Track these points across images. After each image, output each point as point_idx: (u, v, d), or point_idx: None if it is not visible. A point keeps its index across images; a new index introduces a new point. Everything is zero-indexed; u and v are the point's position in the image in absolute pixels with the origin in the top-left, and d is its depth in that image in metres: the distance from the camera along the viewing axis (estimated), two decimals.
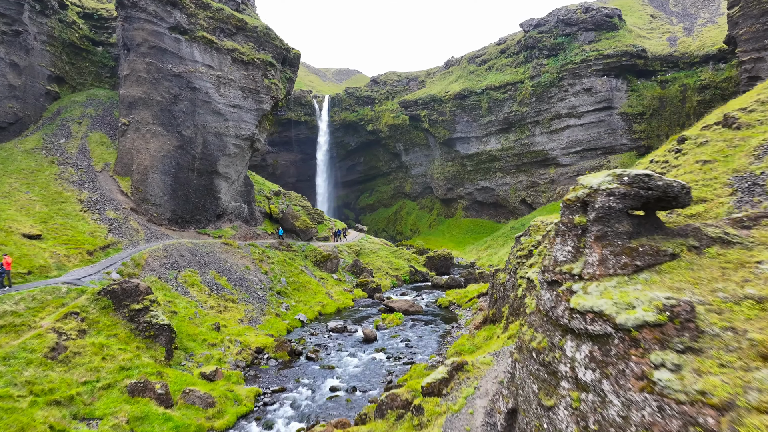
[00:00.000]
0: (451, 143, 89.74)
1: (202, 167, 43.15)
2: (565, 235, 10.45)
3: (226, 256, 39.65)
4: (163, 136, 40.70)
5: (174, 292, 31.32)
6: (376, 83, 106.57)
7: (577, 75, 70.50)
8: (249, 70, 45.20)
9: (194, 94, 42.10)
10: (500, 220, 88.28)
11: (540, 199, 78.64)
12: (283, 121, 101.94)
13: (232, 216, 47.06)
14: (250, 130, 45.59)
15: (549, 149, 75.96)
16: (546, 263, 10.82)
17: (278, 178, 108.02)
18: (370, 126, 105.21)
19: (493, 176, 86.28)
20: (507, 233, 73.91)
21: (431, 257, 58.84)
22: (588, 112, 71.09)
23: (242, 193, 48.57)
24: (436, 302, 43.21)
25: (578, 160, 73.87)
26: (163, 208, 40.39)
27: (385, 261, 54.55)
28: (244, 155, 46.64)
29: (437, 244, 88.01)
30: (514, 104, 78.66)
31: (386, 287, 49.10)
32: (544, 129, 76.15)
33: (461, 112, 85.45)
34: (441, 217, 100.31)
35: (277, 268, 42.26)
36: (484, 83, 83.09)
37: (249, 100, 45.27)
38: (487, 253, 70.82)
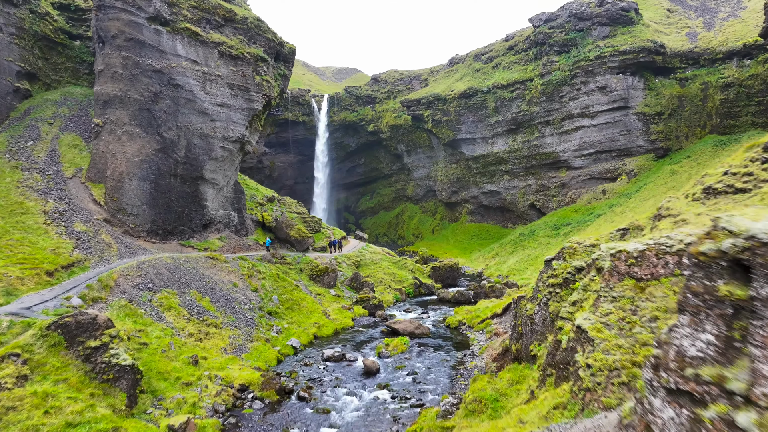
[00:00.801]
0: (455, 144, 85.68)
1: (186, 172, 39.11)
2: (700, 314, 6.24)
3: (210, 273, 35.59)
4: (142, 139, 36.65)
5: (147, 318, 27.26)
6: (377, 82, 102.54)
7: (590, 72, 66.43)
8: (238, 65, 41.15)
9: (177, 92, 38.06)
10: (507, 225, 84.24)
11: (550, 203, 74.58)
12: (280, 122, 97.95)
13: (220, 225, 43.01)
14: (239, 131, 41.55)
15: (560, 151, 71.89)
16: (661, 354, 6.69)
17: (275, 181, 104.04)
18: (371, 126, 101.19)
19: (500, 179, 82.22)
20: (515, 240, 69.86)
21: (437, 268, 54.78)
22: (602, 112, 67.02)
23: (231, 201, 44.52)
24: (444, 321, 39.16)
25: (591, 163, 69.79)
26: (141, 218, 36.34)
27: (387, 273, 50.50)
28: (233, 159, 42.60)
29: (441, 250, 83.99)
30: (522, 104, 74.60)
31: (389, 302, 45.05)
32: (554, 130, 72.09)
33: (466, 112, 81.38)
34: (445, 222, 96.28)
35: (268, 285, 38.20)
36: (490, 82, 79.02)
37: (238, 99, 41.22)
38: (495, 261, 66.75)
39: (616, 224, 55.50)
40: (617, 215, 57.57)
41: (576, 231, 61.13)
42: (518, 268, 59.32)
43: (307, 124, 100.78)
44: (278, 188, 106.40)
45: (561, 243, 63.80)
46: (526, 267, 58.89)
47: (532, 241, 66.08)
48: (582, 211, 66.91)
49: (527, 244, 66.22)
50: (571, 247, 20.40)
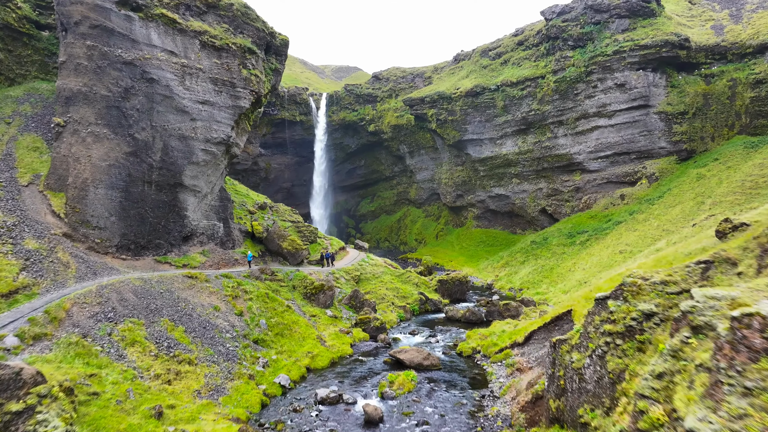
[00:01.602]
0: (461, 146, 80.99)
1: (163, 179, 34.43)
2: None
3: (188, 295, 30.92)
4: (110, 141, 31.98)
5: (103, 357, 22.60)
6: (378, 80, 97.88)
7: (608, 69, 61.74)
8: (223, 57, 36.49)
9: (151, 87, 33.39)
10: (516, 231, 79.56)
11: (563, 208, 69.90)
12: (276, 121, 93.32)
13: (203, 237, 38.34)
14: (224, 132, 36.88)
15: (574, 153, 67.19)
16: None
17: (271, 183, 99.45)
18: (372, 126, 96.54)
19: (508, 182, 77.51)
20: (527, 248, 65.17)
21: (444, 281, 50.09)
22: (620, 111, 62.33)
23: (216, 209, 39.86)
24: (455, 347, 34.51)
25: (608, 166, 65.09)
26: (108, 231, 31.67)
27: (390, 288, 45.83)
28: (217, 163, 37.92)
29: (446, 258, 79.33)
30: (533, 102, 69.92)
31: (392, 323, 40.40)
32: (568, 130, 67.39)
33: (473, 111, 76.70)
34: (449, 227, 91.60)
35: (255, 307, 33.53)
36: (499, 79, 74.35)
37: (223, 95, 36.55)
38: (506, 272, 62.04)
39: (639, 233, 50.87)
40: (639, 223, 52.89)
41: (594, 240, 56.47)
42: (532, 281, 54.61)
43: (304, 124, 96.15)
44: (275, 191, 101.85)
45: (578, 253, 59.17)
46: (540, 280, 54.19)
47: (545, 250, 61.39)
48: (599, 218, 62.23)
49: (540, 253, 61.52)
50: (634, 284, 15.66)
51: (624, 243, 50.34)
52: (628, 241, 50.35)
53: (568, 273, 52.08)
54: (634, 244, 48.91)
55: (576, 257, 54.93)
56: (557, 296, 47.21)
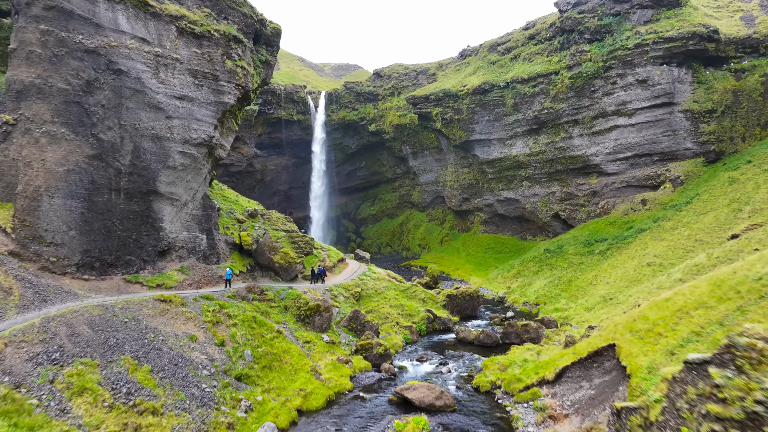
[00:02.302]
0: (468, 146, 76.38)
1: (133, 186, 29.85)
2: None
3: (159, 323, 26.32)
4: (70, 142, 27.41)
5: (39, 414, 17.99)
6: (380, 77, 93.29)
7: (628, 63, 57.12)
8: (203, 46, 31.89)
9: (119, 80, 28.81)
10: (526, 237, 74.95)
11: (577, 214, 65.26)
12: (273, 121, 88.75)
13: (183, 252, 33.75)
14: (205, 131, 32.27)
15: (590, 155, 62.57)
16: None
17: (267, 186, 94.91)
18: (373, 126, 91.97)
19: (518, 186, 72.89)
20: (540, 257, 60.53)
21: (453, 296, 45.48)
22: (642, 110, 57.70)
23: (199, 219, 35.26)
24: (470, 380, 29.91)
25: (628, 168, 60.44)
26: (67, 248, 27.10)
27: (394, 305, 41.23)
28: (198, 167, 33.32)
29: (452, 266, 74.72)
30: (546, 100, 65.30)
31: (397, 346, 35.81)
32: (584, 130, 62.77)
33: (481, 109, 72.10)
34: (454, 232, 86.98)
35: (240, 334, 28.93)
36: (508, 75, 69.75)
37: (204, 90, 31.95)
38: (519, 283, 57.40)
39: (667, 243, 46.24)
40: (667, 232, 48.26)
41: (615, 249, 51.83)
42: (549, 295, 49.97)
43: (302, 123, 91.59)
44: (271, 194, 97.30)
45: (598, 264, 54.44)
46: (557, 294, 49.57)
47: (561, 260, 56.76)
48: (618, 225, 57.60)
49: (555, 263, 56.90)
50: (752, 347, 11.04)
51: (651, 254, 45.70)
52: (656, 251, 45.71)
53: (589, 287, 47.45)
54: (663, 255, 44.28)
55: (596, 268, 50.29)
56: (579, 314, 42.60)
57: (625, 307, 37.74)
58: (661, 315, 22.75)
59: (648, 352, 20.54)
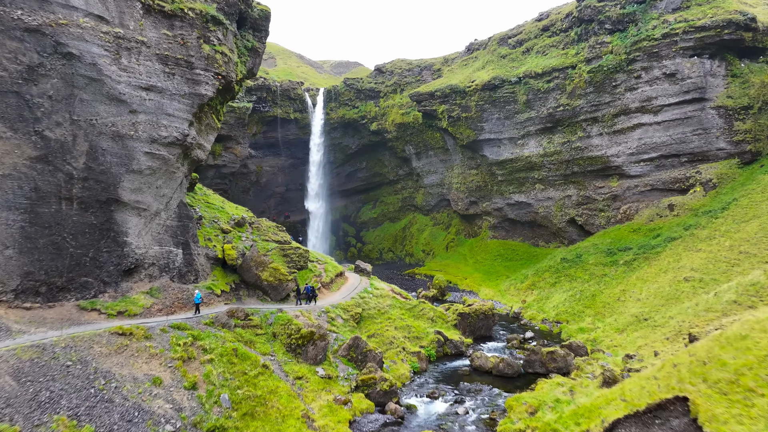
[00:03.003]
0: (476, 146, 71.40)
1: (89, 194, 24.90)
2: None
3: (113, 364, 21.37)
4: (5, 141, 22.47)
5: None
6: (382, 73, 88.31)
7: (654, 56, 52.12)
8: (175, 28, 26.93)
9: (71, 66, 23.87)
10: (538, 244, 69.95)
11: (596, 219, 60.27)
12: (268, 119, 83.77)
13: (154, 270, 28.80)
14: (178, 128, 27.30)
15: (611, 155, 57.57)
16: None
17: (263, 188, 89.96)
18: (374, 125, 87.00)
19: (531, 188, 67.92)
20: (557, 267, 55.51)
21: (465, 315, 40.47)
22: (669, 106, 52.71)
23: (173, 231, 30.31)
24: (493, 425, 24.95)
25: (653, 170, 55.44)
26: (2, 270, 22.16)
27: (399, 326, 36.26)
28: (171, 171, 28.34)
29: (459, 274, 69.79)
30: (562, 96, 60.34)
31: (404, 378, 30.85)
32: (604, 128, 57.78)
33: (491, 107, 67.12)
34: (461, 237, 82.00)
35: (217, 372, 23.96)
36: (520, 70, 64.77)
37: (176, 80, 26.98)
38: (535, 296, 52.42)
39: (706, 255, 41.19)
40: (703, 242, 43.26)
41: (642, 260, 46.81)
42: (571, 311, 44.99)
43: (299, 122, 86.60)
44: (267, 196, 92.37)
45: (624, 276, 49.28)
46: (581, 310, 44.58)
47: (581, 270, 51.77)
48: (643, 232, 52.58)
49: (574, 273, 51.91)
50: None
51: (687, 267, 40.70)
52: (693, 264, 40.70)
53: (617, 303, 42.45)
54: (702, 269, 39.27)
55: (623, 282, 45.28)
56: (609, 335, 37.63)
57: (667, 332, 32.79)
58: (745, 361, 17.65)
59: (742, 418, 15.56)
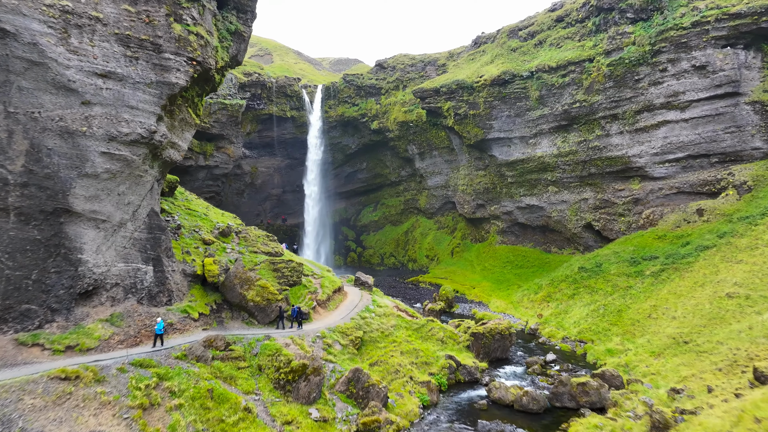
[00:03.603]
0: (484, 146, 66.93)
1: (31, 203, 20.43)
2: None
3: (48, 420, 16.88)
4: None
5: None
6: (383, 68, 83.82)
7: (683, 46, 47.67)
8: (139, 3, 22.43)
9: (3, 46, 19.41)
10: (550, 250, 65.50)
11: (615, 224, 55.81)
12: (263, 117, 79.30)
13: (117, 291, 24.32)
14: (143, 123, 22.80)
15: (632, 155, 53.11)
16: None
17: (258, 190, 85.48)
18: (375, 123, 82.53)
19: (543, 191, 63.47)
20: (574, 276, 51.00)
21: (479, 336, 35.94)
22: (699, 101, 48.26)
23: (142, 245, 25.84)
24: None
25: (679, 172, 50.98)
26: None
27: (406, 350, 31.77)
28: (136, 175, 23.86)
29: (466, 281, 65.33)
30: (578, 92, 55.89)
31: (413, 415, 26.32)
32: (625, 126, 53.33)
33: (500, 103, 62.67)
34: (467, 242, 77.54)
35: (186, 422, 19.48)
36: (533, 64, 60.31)
37: (140, 65, 22.49)
38: (552, 309, 47.93)
39: (749, 267, 36.60)
40: (743, 252, 38.78)
41: (673, 271, 42.33)
42: (594, 329, 40.49)
43: (296, 120, 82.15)
44: (262, 199, 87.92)
45: (653, 289, 44.52)
46: (606, 327, 40.10)
47: (602, 281, 47.29)
48: (670, 239, 48.12)
49: (595, 285, 47.43)
50: None
51: (730, 282, 36.20)
52: (736, 278, 36.21)
53: (648, 321, 37.95)
54: (747, 284, 34.79)
55: (652, 296, 40.80)
56: (644, 359, 33.14)
57: (718, 360, 28.34)
58: None
59: None
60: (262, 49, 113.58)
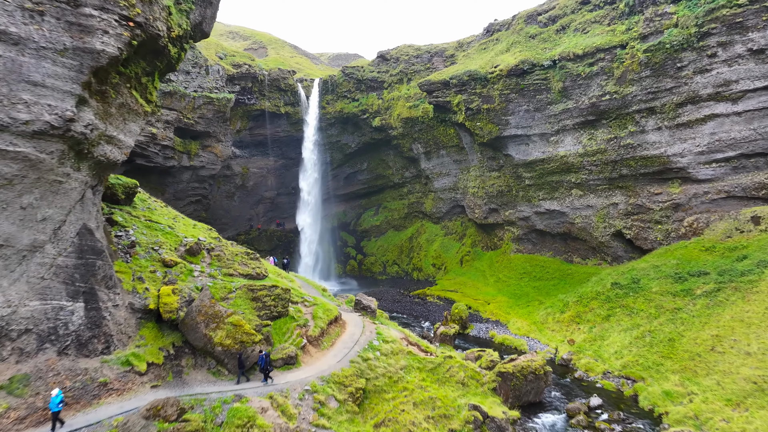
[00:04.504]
0: (498, 144, 60.24)
1: None
2: None
3: None
4: None
5: None
6: (385, 60, 77.09)
7: (737, 27, 40.98)
8: None
9: None
10: (572, 260, 58.80)
11: (650, 233, 49.12)
12: (255, 113, 72.60)
13: (29, 340, 17.66)
14: (52, 108, 16.07)
15: (673, 154, 46.42)
16: None
17: (250, 193, 78.76)
18: (377, 120, 75.84)
19: (566, 194, 56.77)
20: (607, 294, 44.24)
21: (507, 375, 29.20)
22: (755, 92, 41.53)
23: (69, 275, 19.13)
24: None
25: (729, 173, 44.29)
26: None
27: (420, 400, 25.06)
28: (52, 180, 17.17)
29: (479, 295, 58.66)
30: (608, 82, 49.20)
31: None
32: (663, 121, 46.64)
33: (518, 96, 55.96)
34: (477, 249, 70.84)
35: None
36: (555, 51, 53.60)
37: (46, 23, 15.77)
38: (584, 332, 41.21)
39: None
40: None
41: (732, 291, 35.61)
42: (643, 362, 33.74)
43: (291, 116, 75.44)
44: (255, 202, 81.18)
45: (709, 313, 35.94)
46: (658, 361, 33.35)
47: (642, 301, 40.59)
48: (720, 252, 41.45)
49: (633, 304, 40.72)
50: None
51: None
52: None
53: (712, 355, 31.21)
54: None
55: (711, 322, 34.05)
56: (720, 411, 26.41)
57: None
58: None
59: None
60: (255, 42, 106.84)
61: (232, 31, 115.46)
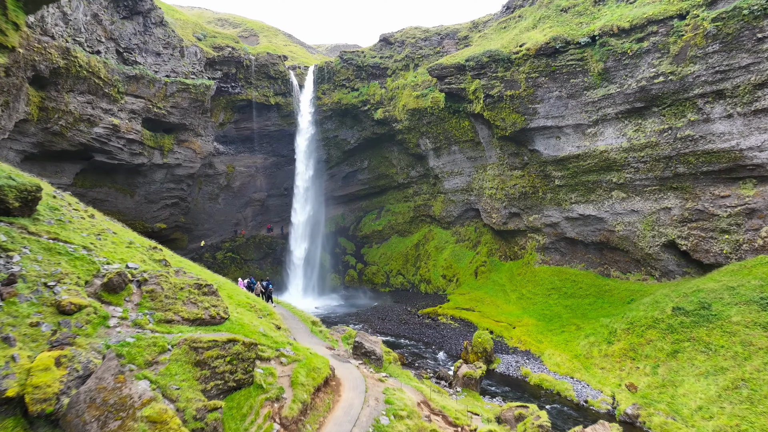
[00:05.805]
0: (523, 138, 51.46)
1: None
2: None
3: None
4: None
5: None
6: (389, 44, 68.31)
7: None
8: None
9: None
10: (610, 273, 50.02)
11: (713, 244, 40.35)
12: (240, 104, 63.81)
13: None
14: None
15: (748, 148, 37.67)
16: None
17: (237, 194, 69.94)
18: (379, 112, 67.08)
19: (605, 197, 48.03)
20: (668, 321, 35.45)
21: None
22: None
23: None
24: None
25: None
26: None
27: None
28: None
29: (501, 316, 49.96)
30: (662, 61, 40.44)
31: None
32: (736, 107, 37.86)
33: (548, 81, 47.20)
34: (494, 259, 62.12)
35: None
36: (594, 26, 44.84)
37: None
38: (646, 373, 32.40)
39: None
40: None
41: None
42: (747, 429, 25.03)
43: (282, 108, 66.69)
44: (242, 204, 72.36)
45: None
46: (763, 426, 24.71)
47: (720, 334, 31.83)
48: None
49: (708, 338, 31.96)
50: None
51: None
52: None
53: None
54: None
55: None
56: None
57: None
58: None
59: None
60: (246, 30, 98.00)
61: (221, 18, 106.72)
